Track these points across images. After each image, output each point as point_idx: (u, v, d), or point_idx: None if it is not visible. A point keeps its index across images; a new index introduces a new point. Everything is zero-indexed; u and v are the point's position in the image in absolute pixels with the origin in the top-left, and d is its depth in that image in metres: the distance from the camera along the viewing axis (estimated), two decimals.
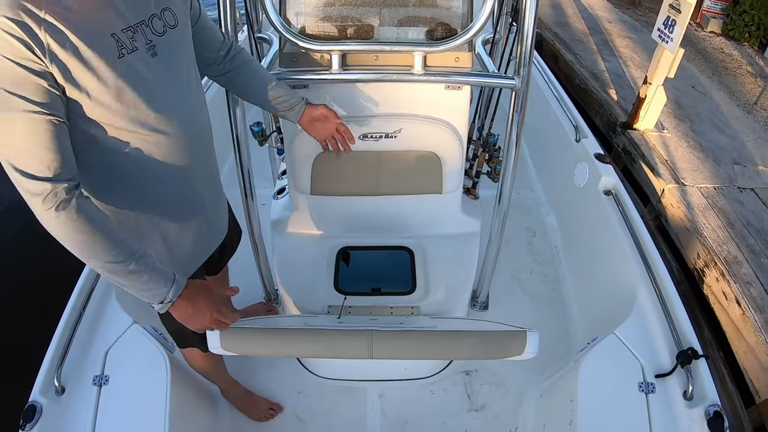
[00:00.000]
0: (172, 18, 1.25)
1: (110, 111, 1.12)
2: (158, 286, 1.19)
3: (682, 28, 3.51)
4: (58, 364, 1.80)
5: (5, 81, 0.98)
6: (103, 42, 1.08)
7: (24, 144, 1.00)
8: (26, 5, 0.97)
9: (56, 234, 1.07)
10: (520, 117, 1.86)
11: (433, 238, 2.28)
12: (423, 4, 1.93)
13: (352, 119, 2.00)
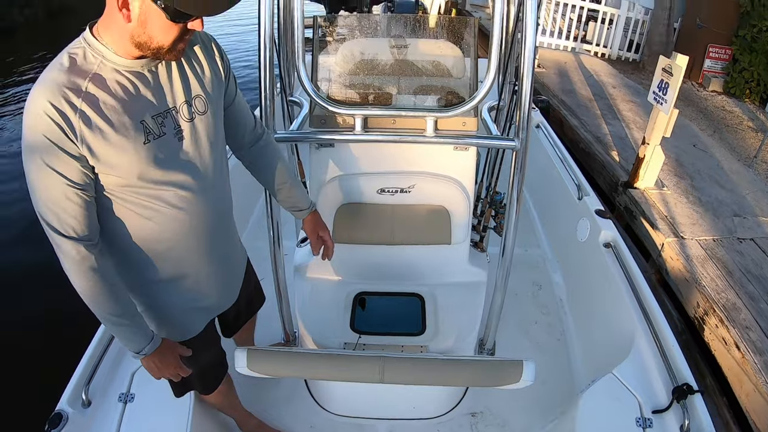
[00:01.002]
0: (202, 105, 1.37)
1: (134, 189, 1.28)
2: (140, 341, 1.40)
3: (675, 90, 3.77)
4: (88, 379, 1.97)
5: (44, 154, 1.15)
6: (132, 129, 1.22)
7: (56, 208, 1.19)
8: (67, 93, 1.14)
9: (72, 280, 1.28)
10: (520, 175, 2.02)
11: (443, 286, 2.47)
12: (435, 75, 2.27)
13: (372, 175, 2.28)
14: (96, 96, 1.17)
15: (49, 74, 1.16)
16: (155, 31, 1.15)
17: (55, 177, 1.16)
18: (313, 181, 2.39)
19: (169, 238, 1.40)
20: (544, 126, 4.25)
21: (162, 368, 1.48)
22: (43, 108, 1.12)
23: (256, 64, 1.90)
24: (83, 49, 1.19)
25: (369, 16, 4.08)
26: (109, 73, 1.19)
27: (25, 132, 1.15)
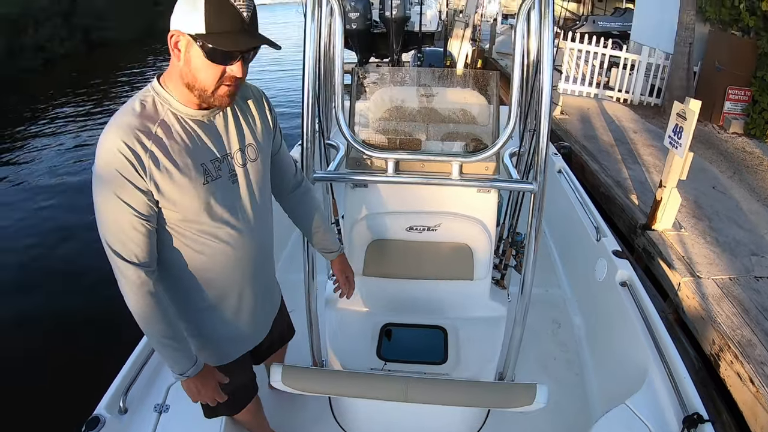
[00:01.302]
0: (253, 153, 1.54)
1: (190, 224, 1.43)
2: (185, 363, 1.51)
3: (689, 134, 3.95)
4: (126, 387, 2.10)
5: (115, 187, 1.29)
6: (194, 170, 1.38)
7: (122, 236, 1.34)
8: (139, 135, 1.29)
9: (128, 302, 1.40)
10: (538, 216, 2.12)
11: (465, 319, 2.64)
12: (460, 122, 2.54)
13: (402, 214, 2.52)
14: (163, 139, 1.33)
15: (123, 118, 1.32)
16: (198, 72, 1.30)
17: (124, 208, 1.31)
18: (348, 218, 2.62)
19: (216, 271, 1.55)
20: (565, 171, 4.45)
21: (201, 392, 1.60)
22: (118, 147, 1.27)
23: (294, 104, 2.17)
24: (152, 96, 1.37)
25: (402, 69, 4.42)
26: (175, 119, 1.37)
27: (98, 166, 1.30)
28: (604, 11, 20.26)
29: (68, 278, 5.66)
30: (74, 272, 5.73)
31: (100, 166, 1.30)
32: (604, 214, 5.03)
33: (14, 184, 9.51)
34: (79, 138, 12.70)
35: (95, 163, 1.31)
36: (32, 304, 5.20)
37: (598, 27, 16.45)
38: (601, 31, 15.68)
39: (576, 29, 15.66)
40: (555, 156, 4.79)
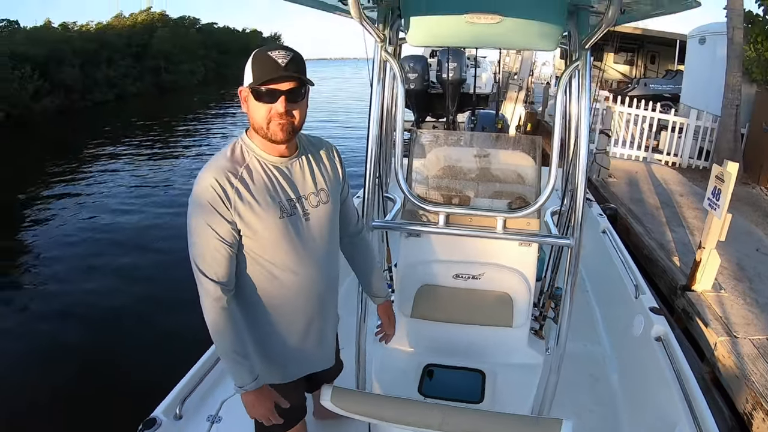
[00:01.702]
0: (324, 197, 1.77)
1: (266, 252, 1.66)
2: (246, 377, 1.67)
3: (727, 195, 4.10)
4: (185, 396, 2.30)
5: (206, 215, 1.55)
6: (272, 206, 1.62)
7: (207, 256, 1.58)
8: (228, 175, 1.56)
9: (205, 314, 1.61)
10: (573, 270, 2.26)
11: (503, 364, 2.80)
12: (506, 182, 2.86)
13: (450, 262, 2.79)
14: (247, 179, 1.60)
15: (217, 161, 1.61)
16: (254, 113, 1.57)
17: (211, 233, 1.57)
18: (400, 264, 2.91)
19: (284, 297, 1.75)
20: (609, 231, 4.64)
21: (257, 407, 1.74)
22: (210, 183, 1.55)
23: (357, 157, 2.47)
24: (240, 145, 1.66)
25: (455, 132, 4.79)
26: (258, 164, 1.64)
27: (194, 198, 1.57)
28: (656, 73, 20.38)
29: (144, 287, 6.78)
30: (148, 286, 6.85)
31: (195, 197, 1.58)
32: (646, 275, 5.20)
33: (76, 209, 10.84)
34: (138, 175, 13.82)
35: (192, 195, 1.59)
36: (117, 308, 6.22)
37: (650, 90, 16.57)
38: (652, 93, 15.83)
39: (627, 92, 15.89)
40: (600, 217, 5.02)
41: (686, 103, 11.45)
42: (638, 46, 21.80)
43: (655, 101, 10.40)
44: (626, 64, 22.63)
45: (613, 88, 19.71)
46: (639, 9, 2.11)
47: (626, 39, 20.31)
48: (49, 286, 7.07)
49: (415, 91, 9.65)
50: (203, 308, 1.63)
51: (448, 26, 2.18)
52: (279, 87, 1.54)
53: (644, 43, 21.43)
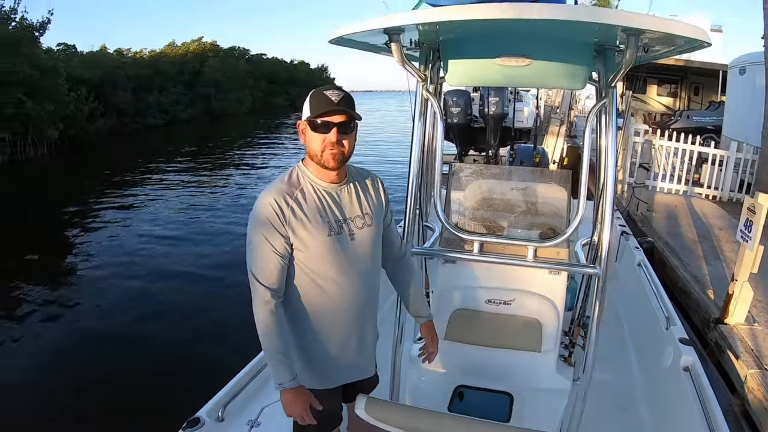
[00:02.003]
0: (369, 220, 1.98)
1: (315, 265, 1.86)
2: (286, 376, 1.84)
3: (759, 227, 4.17)
4: (228, 400, 2.45)
5: (264, 230, 1.79)
6: (322, 224, 1.85)
7: (261, 264, 1.81)
8: (285, 195, 1.81)
9: (255, 315, 1.82)
10: (601, 298, 2.39)
11: (531, 388, 2.93)
12: (537, 213, 3.06)
13: (483, 288, 2.96)
14: (301, 201, 1.84)
15: (276, 183, 1.87)
16: (310, 142, 1.83)
17: (267, 245, 1.80)
18: (437, 289, 3.12)
19: (328, 306, 1.94)
20: (644, 264, 4.72)
21: (293, 406, 1.90)
22: (269, 202, 1.80)
23: (398, 188, 2.70)
24: (297, 171, 1.91)
25: (492, 166, 4.97)
26: (311, 188, 1.88)
27: (254, 214, 1.82)
28: (700, 105, 20.13)
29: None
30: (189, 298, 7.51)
31: (256, 214, 1.82)
32: (681, 308, 5.27)
33: (124, 225, 11.77)
34: (183, 198, 14.49)
35: (253, 212, 1.84)
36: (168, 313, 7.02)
37: (693, 122, 16.39)
38: (695, 126, 15.68)
39: (670, 125, 15.79)
40: (636, 250, 5.11)
41: (728, 135, 11.38)
42: (681, 77, 21.57)
43: (698, 134, 10.38)
44: (669, 96, 22.40)
45: (657, 121, 19.57)
46: (657, 49, 2.24)
47: (669, 70, 20.15)
48: (98, 291, 7.84)
49: (458, 125, 9.77)
50: (254, 310, 1.85)
51: (482, 68, 2.38)
52: (332, 119, 1.80)
53: (688, 74, 21.18)
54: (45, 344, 6.16)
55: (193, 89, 47.02)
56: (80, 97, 27.77)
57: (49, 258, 9.85)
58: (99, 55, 38.39)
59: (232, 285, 7.60)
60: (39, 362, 5.71)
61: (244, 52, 63.10)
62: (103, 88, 32.83)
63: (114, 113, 34.13)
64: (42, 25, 24.56)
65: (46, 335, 6.43)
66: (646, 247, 5.88)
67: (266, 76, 63.90)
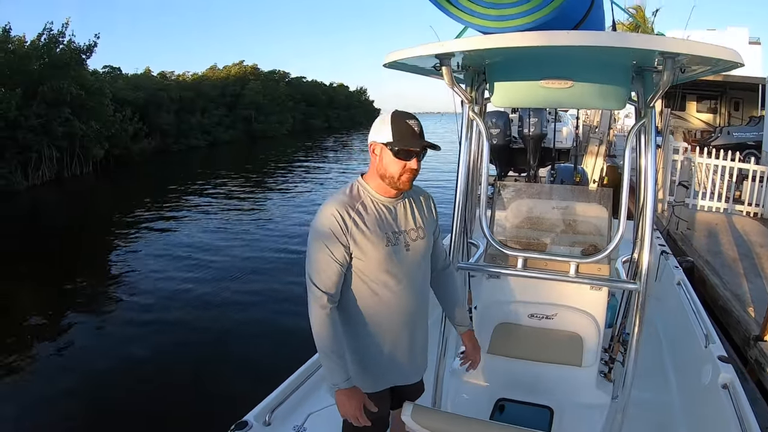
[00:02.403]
0: (422, 233, 2.12)
1: (372, 272, 1.99)
2: (340, 376, 1.95)
3: None
4: (276, 405, 2.52)
5: (326, 239, 1.91)
6: (380, 235, 1.98)
7: (320, 271, 1.93)
8: (347, 207, 1.94)
9: (311, 317, 1.94)
10: (641, 313, 2.44)
11: (571, 403, 2.98)
12: (579, 231, 3.14)
13: (526, 303, 3.03)
14: (362, 213, 1.97)
15: (338, 196, 2.00)
16: (389, 166, 1.94)
17: (327, 252, 1.93)
18: (481, 303, 3.20)
19: (383, 311, 2.06)
20: (684, 283, 4.69)
21: (348, 406, 1.98)
22: (332, 213, 1.93)
23: (443, 207, 2.58)
24: (357, 186, 2.04)
25: (534, 185, 5.05)
26: (371, 202, 2.01)
27: (316, 224, 1.95)
28: (740, 120, 19.73)
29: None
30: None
31: (318, 224, 1.96)
32: (721, 326, 5.23)
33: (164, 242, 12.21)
34: (222, 221, 14.70)
35: (315, 221, 1.97)
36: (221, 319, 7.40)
37: (733, 138, 16.08)
38: (735, 142, 15.39)
39: (711, 142, 15.54)
40: (676, 269, 5.11)
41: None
42: (721, 92, 21.19)
43: (739, 150, 10.23)
44: (709, 112, 22.02)
45: (697, 138, 19.27)
46: (694, 69, 2.32)
47: (709, 86, 19.85)
48: (144, 301, 8.17)
49: (498, 146, 9.82)
50: (311, 314, 1.97)
51: (526, 90, 2.49)
52: (414, 149, 1.96)
53: (727, 90, 20.79)
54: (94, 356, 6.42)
55: (234, 111, 48.19)
56: (125, 117, 28.66)
57: (93, 272, 10.25)
58: (143, 78, 39.51)
59: (276, 298, 7.98)
60: (85, 374, 5.96)
61: (284, 75, 64.23)
62: (147, 109, 33.82)
63: (158, 134, 35.15)
64: (89, 48, 25.42)
65: (93, 348, 6.69)
66: (685, 266, 5.85)
67: (306, 99, 64.83)
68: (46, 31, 23.72)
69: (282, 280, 8.79)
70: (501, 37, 1.93)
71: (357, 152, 37.91)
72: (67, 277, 9.56)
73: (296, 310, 7.11)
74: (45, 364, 6.27)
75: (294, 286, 8.15)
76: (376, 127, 2.01)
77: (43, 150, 22.42)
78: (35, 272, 9.95)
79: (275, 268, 9.64)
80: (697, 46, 1.93)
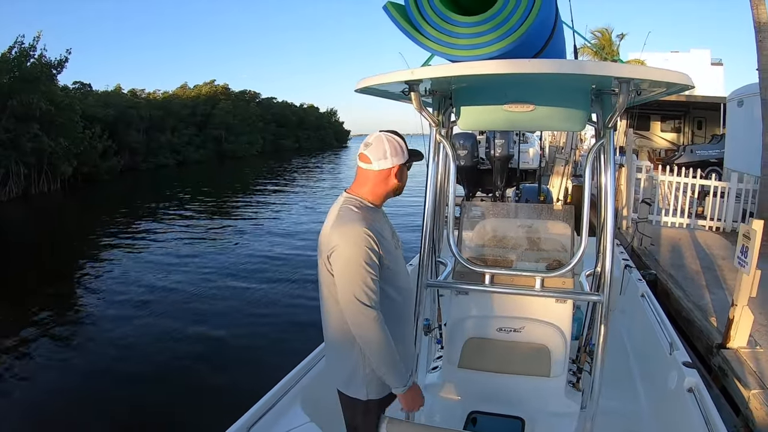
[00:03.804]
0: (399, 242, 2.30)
1: (394, 277, 2.14)
2: (404, 377, 2.11)
3: (754, 252, 4.37)
4: (252, 423, 2.59)
5: (367, 260, 1.99)
6: (391, 243, 2.15)
7: (366, 288, 1.98)
8: (371, 224, 2.04)
9: (369, 338, 2.01)
10: (605, 323, 2.58)
11: (541, 413, 3.09)
12: (543, 248, 3.27)
13: (495, 317, 3.13)
14: (376, 225, 2.10)
15: (355, 214, 2.08)
16: (402, 177, 2.19)
17: (370, 272, 2.00)
18: (451, 319, 3.28)
19: (402, 313, 2.24)
20: (648, 295, 4.90)
21: (417, 400, 2.20)
22: (365, 232, 2.01)
23: (412, 227, 3.01)
24: (359, 203, 2.16)
25: (499, 204, 5.23)
26: (372, 213, 2.15)
27: (353, 247, 1.99)
28: (704, 139, 20.41)
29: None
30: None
31: (354, 245, 2.00)
32: (685, 337, 5.43)
33: (129, 261, 12.17)
34: (187, 242, 14.59)
35: (349, 245, 2.00)
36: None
37: (696, 156, 16.66)
38: (698, 160, 15.92)
39: (674, 161, 16.05)
40: (639, 282, 5.29)
41: (729, 166, 11.60)
42: (685, 112, 21.94)
43: (702, 167, 10.57)
44: (673, 131, 22.73)
45: (661, 157, 19.84)
46: (649, 91, 2.49)
47: (673, 106, 20.51)
48: (106, 324, 8.14)
49: (466, 167, 9.97)
50: (369, 332, 2.02)
51: (490, 114, 2.66)
52: (420, 161, 2.27)
53: (690, 109, 21.55)
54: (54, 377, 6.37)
55: (204, 131, 48.25)
56: (94, 134, 28.51)
57: (58, 290, 10.20)
58: (114, 95, 39.48)
59: (242, 316, 8.11)
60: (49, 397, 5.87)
61: (254, 96, 64.66)
62: (117, 126, 33.73)
63: (127, 152, 34.93)
64: (60, 63, 25.39)
65: (55, 368, 6.64)
66: (648, 279, 6.06)
67: (276, 120, 65.40)
68: (17, 45, 23.57)
69: (252, 301, 8.90)
70: (467, 65, 2.08)
71: (326, 172, 38.16)
72: (31, 295, 9.54)
73: (267, 332, 7.50)
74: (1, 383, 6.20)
75: (264, 307, 8.41)
76: (392, 151, 2.15)
77: (11, 166, 22.17)
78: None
79: (241, 289, 9.70)
80: (649, 71, 2.10)
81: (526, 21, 2.01)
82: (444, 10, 2.13)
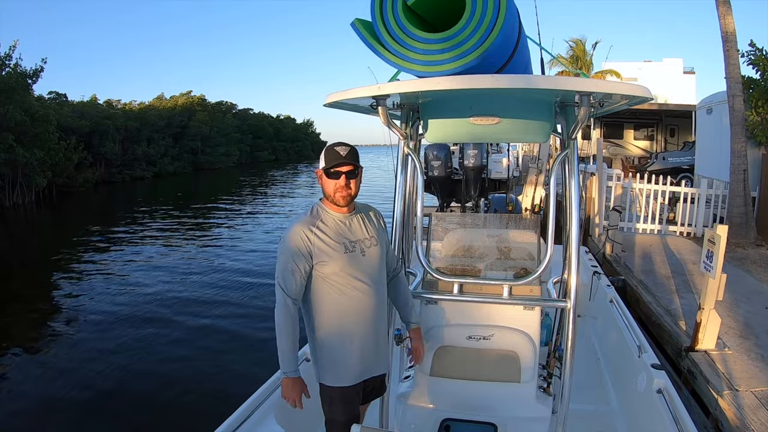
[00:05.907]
0: (375, 241, 2.51)
1: (336, 276, 2.36)
2: (289, 366, 2.37)
3: (719, 257, 4.50)
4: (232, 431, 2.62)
5: (292, 253, 2.31)
6: (339, 244, 2.37)
7: (286, 279, 2.32)
8: (309, 226, 2.34)
9: (276, 318, 2.33)
10: (572, 328, 2.65)
11: (513, 418, 3.14)
12: (511, 257, 3.33)
13: (464, 325, 3.18)
14: (322, 227, 2.38)
15: (303, 217, 2.42)
16: (325, 185, 2.38)
17: (292, 263, 2.33)
18: (421, 329, 3.23)
19: (351, 309, 2.43)
20: (616, 300, 5.00)
21: (290, 390, 2.41)
22: (297, 231, 2.35)
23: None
24: (317, 207, 2.45)
25: (468, 215, 5.28)
26: (329, 218, 2.42)
27: (285, 240, 2.35)
28: (676, 146, 20.76)
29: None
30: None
31: (286, 240, 2.36)
32: (656, 341, 5.55)
33: (105, 272, 12.04)
34: (162, 254, 14.51)
35: (284, 238, 2.38)
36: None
37: (668, 163, 16.91)
38: (671, 167, 16.23)
39: (647, 168, 16.33)
40: (608, 288, 5.40)
41: (700, 173, 11.87)
42: (657, 120, 22.31)
43: (673, 174, 10.77)
44: (646, 139, 23.06)
45: (635, 164, 20.18)
46: (610, 103, 2.57)
47: (645, 115, 20.87)
48: (79, 336, 8.09)
49: (439, 177, 10.08)
50: (276, 312, 2.36)
51: (457, 127, 2.76)
52: (341, 169, 2.36)
53: (663, 117, 21.93)
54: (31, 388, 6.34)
55: (180, 142, 47.83)
56: (69, 146, 28.10)
57: (31, 304, 10.10)
58: (89, 106, 39.07)
59: (218, 329, 8.12)
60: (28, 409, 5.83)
61: (231, 107, 64.50)
62: (92, 138, 33.40)
63: (102, 163, 34.58)
64: (35, 72, 25.02)
65: (31, 380, 6.62)
66: (617, 284, 6.18)
67: (253, 131, 65.29)
68: None
69: (226, 313, 8.92)
70: (431, 81, 2.17)
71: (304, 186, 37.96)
72: (1, 310, 9.40)
73: (239, 345, 7.50)
74: None
75: (236, 320, 8.46)
76: (320, 158, 2.41)
77: None
78: None
79: (218, 300, 9.70)
80: (607, 84, 2.20)
81: (488, 39, 2.09)
82: (410, 27, 2.21)
